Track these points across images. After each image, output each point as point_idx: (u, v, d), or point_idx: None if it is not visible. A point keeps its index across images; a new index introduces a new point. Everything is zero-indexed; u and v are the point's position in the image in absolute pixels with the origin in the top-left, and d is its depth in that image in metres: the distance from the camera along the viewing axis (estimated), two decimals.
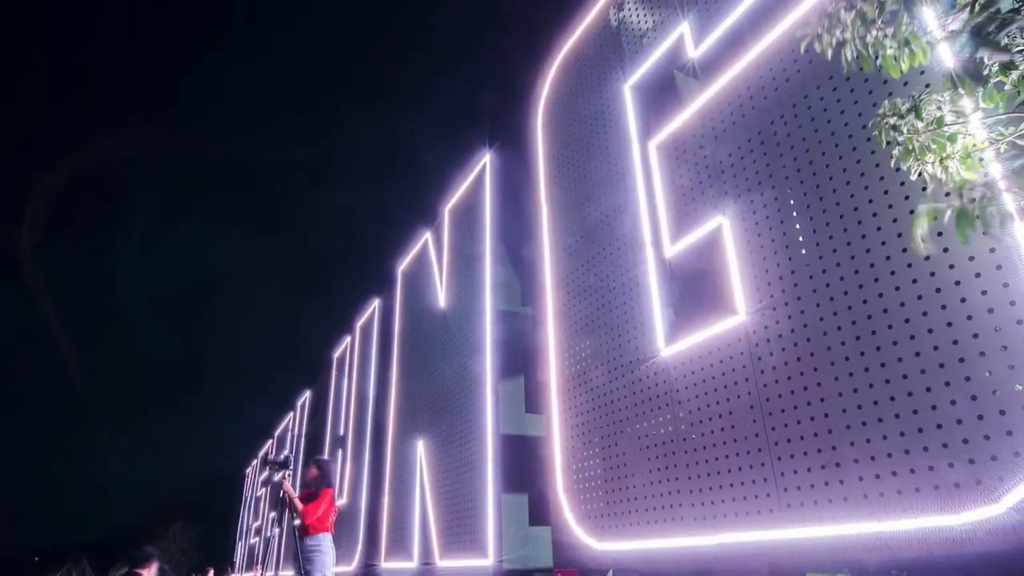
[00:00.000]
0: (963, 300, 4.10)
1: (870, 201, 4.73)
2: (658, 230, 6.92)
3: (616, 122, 7.92)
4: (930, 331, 4.24)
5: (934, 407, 4.15)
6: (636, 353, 6.90)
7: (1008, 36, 2.64)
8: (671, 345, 6.44)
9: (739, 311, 5.64)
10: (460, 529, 10.10)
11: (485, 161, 11.47)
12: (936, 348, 4.19)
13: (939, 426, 4.10)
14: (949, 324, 4.15)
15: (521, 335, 10.10)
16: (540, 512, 8.86)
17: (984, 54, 2.69)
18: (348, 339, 20.10)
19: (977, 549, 3.83)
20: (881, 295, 4.57)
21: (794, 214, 5.30)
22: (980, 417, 3.91)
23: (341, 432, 18.91)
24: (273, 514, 29.19)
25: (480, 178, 11.60)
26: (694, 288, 6.50)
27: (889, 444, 4.35)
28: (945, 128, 2.88)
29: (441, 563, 10.47)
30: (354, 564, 15.25)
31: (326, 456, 17.86)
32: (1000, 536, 3.74)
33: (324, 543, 7.18)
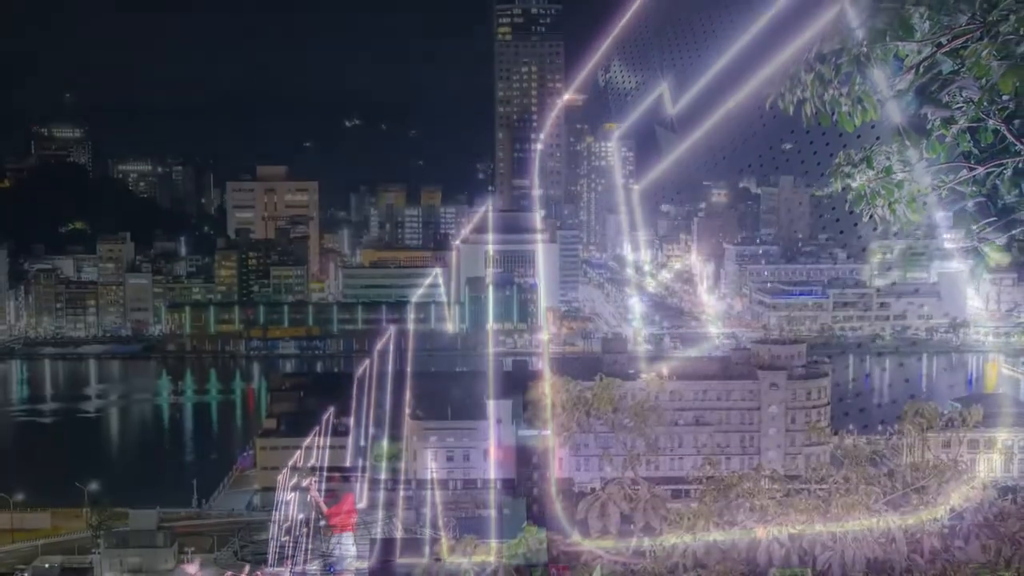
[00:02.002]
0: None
1: (828, 239, 4.72)
2: (640, 264, 6.89)
3: (605, 166, 7.93)
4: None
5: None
6: (624, 374, 6.84)
7: (949, 94, 2.65)
8: (654, 368, 6.38)
9: (713, 332, 5.60)
10: (466, 529, 9.98)
11: (488, 205, 11.54)
12: None
13: None
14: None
15: (523, 359, 10.05)
16: (537, 515, 8.75)
17: (928, 110, 2.70)
18: (368, 361, 20.07)
19: None
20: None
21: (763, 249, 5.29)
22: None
23: (362, 443, 18.80)
24: (302, 515, 28.78)
25: (484, 218, 11.66)
26: (673, 312, 6.47)
27: None
28: (893, 176, 2.88)
29: (449, 559, 10.32)
30: (373, 559, 15.05)
31: (348, 465, 17.64)
32: None
33: (347, 541, 7.08)
